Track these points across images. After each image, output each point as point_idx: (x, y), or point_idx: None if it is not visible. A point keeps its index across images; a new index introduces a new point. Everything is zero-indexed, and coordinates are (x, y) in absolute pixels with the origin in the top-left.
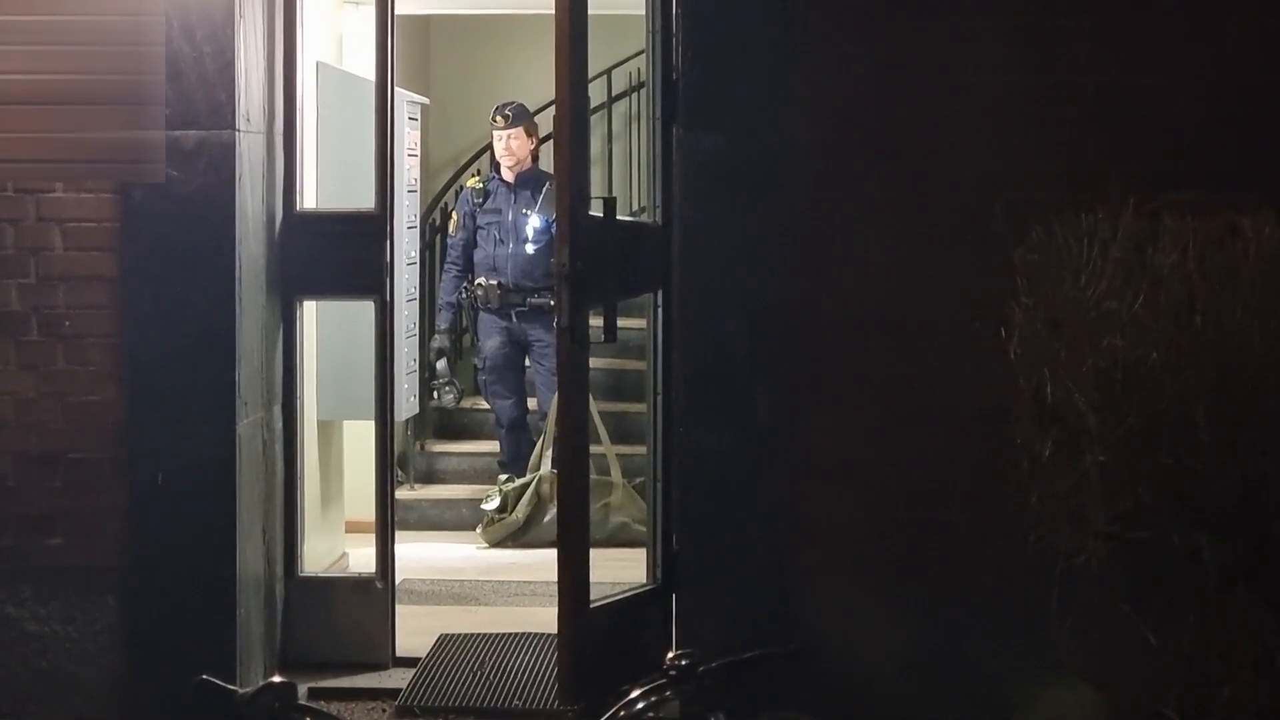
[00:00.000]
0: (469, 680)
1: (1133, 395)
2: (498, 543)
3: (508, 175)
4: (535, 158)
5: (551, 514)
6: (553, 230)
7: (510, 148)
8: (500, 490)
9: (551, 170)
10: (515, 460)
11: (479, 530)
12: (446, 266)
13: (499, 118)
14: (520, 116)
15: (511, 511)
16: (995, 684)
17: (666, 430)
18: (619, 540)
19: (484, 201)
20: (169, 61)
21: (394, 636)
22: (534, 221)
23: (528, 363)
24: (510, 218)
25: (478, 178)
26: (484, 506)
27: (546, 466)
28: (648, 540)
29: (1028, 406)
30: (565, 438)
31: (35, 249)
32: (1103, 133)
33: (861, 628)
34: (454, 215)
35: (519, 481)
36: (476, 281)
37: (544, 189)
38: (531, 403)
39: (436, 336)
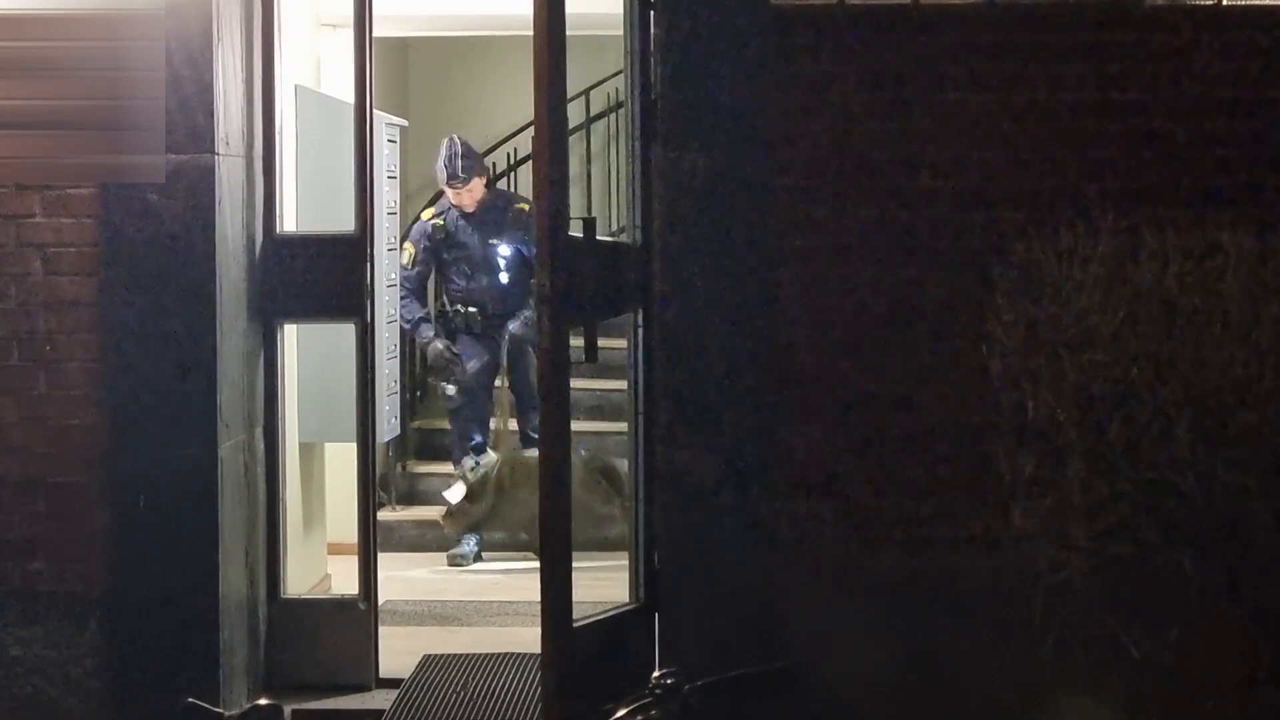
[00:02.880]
0: (452, 701)
1: (1114, 411)
2: (463, 532)
3: (468, 208)
4: (488, 184)
5: (516, 499)
6: (525, 255)
7: (466, 200)
8: (465, 477)
9: (504, 188)
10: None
11: (441, 518)
12: (402, 297)
13: (455, 181)
14: (472, 168)
15: (476, 502)
16: (978, 700)
17: (648, 449)
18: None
19: (445, 238)
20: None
21: (377, 658)
22: (503, 250)
23: (499, 382)
24: (481, 251)
25: (432, 210)
26: (446, 495)
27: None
28: (630, 559)
29: (1009, 423)
30: (546, 459)
31: (15, 274)
32: (1083, 149)
33: (844, 645)
34: (408, 246)
35: (481, 468)
36: (454, 308)
37: (506, 212)
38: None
39: (435, 344)
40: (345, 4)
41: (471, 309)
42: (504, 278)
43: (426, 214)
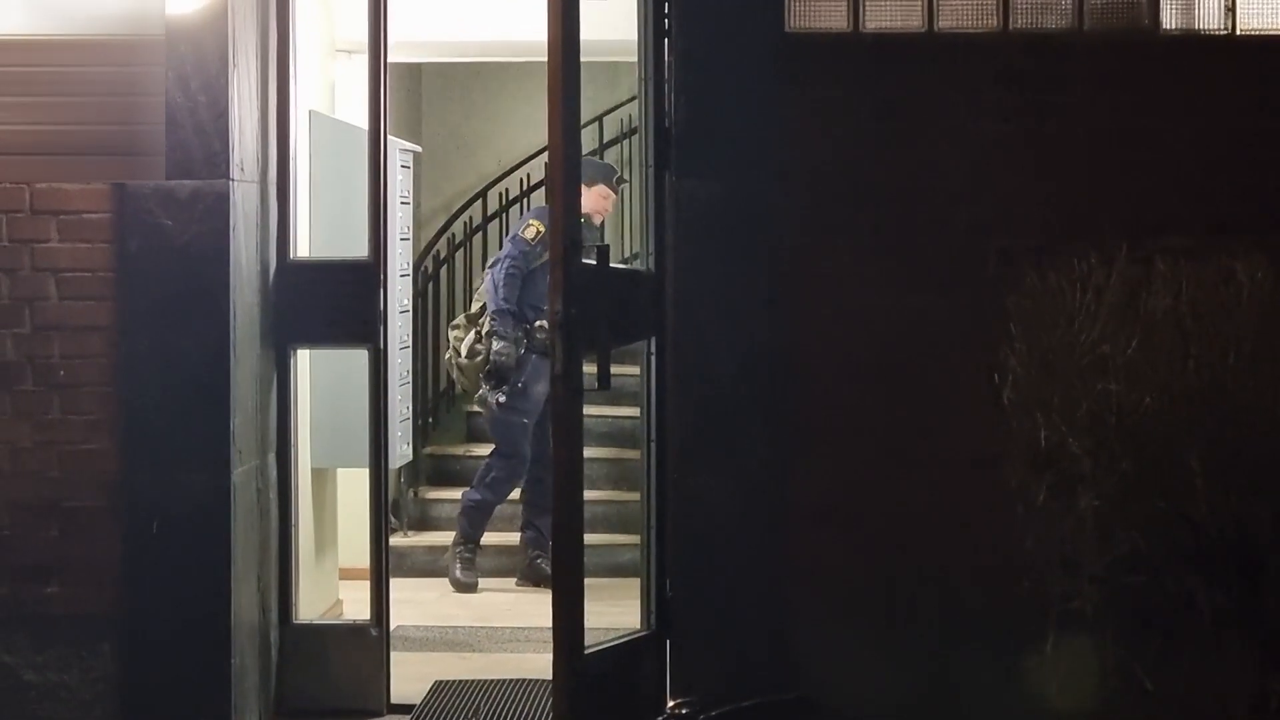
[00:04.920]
0: None
1: (1126, 440)
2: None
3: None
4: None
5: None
6: None
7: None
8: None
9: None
10: (497, 498)
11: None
12: (512, 272)
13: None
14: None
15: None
16: None
17: (661, 476)
18: None
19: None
20: (164, 111)
21: (389, 684)
22: None
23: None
24: None
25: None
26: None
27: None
28: (642, 586)
29: (1021, 451)
30: (560, 486)
31: (30, 298)
32: (1096, 178)
33: (857, 673)
34: (535, 223)
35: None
36: (540, 323)
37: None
38: None
39: (500, 344)
40: (360, 30)
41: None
42: None
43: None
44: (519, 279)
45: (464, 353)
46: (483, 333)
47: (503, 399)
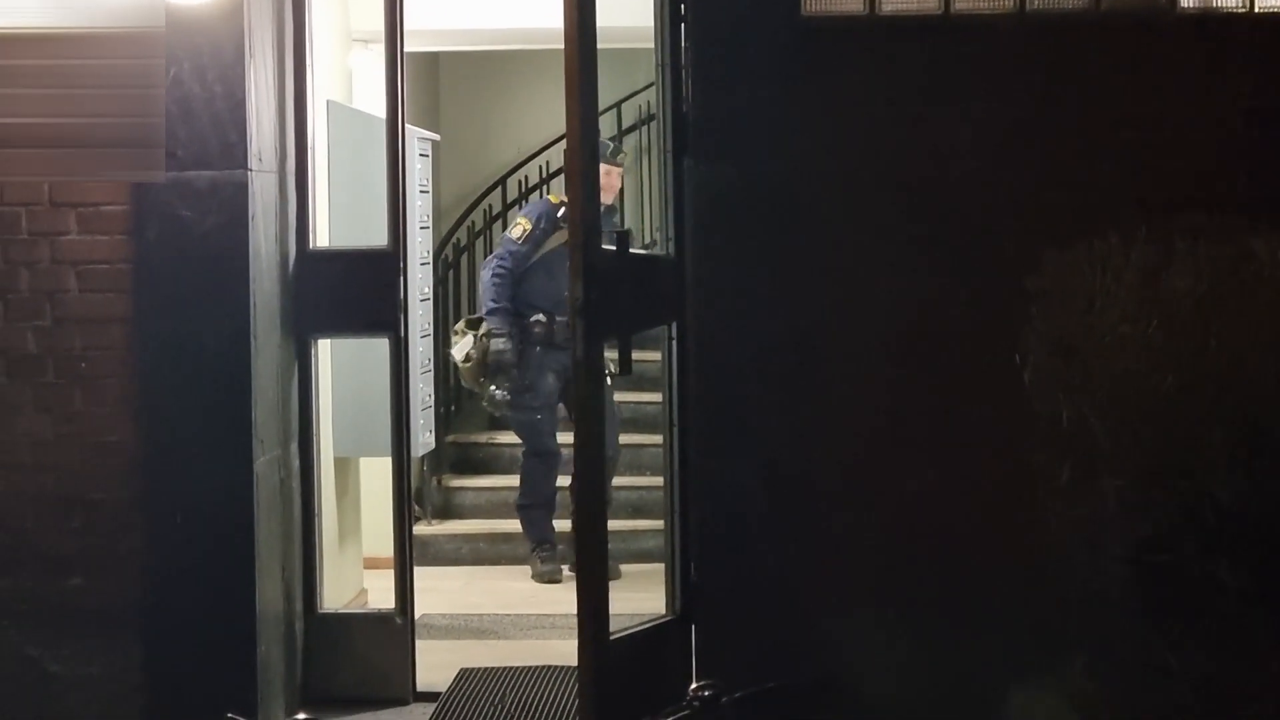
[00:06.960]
0: (490, 714)
1: (1148, 420)
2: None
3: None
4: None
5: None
6: None
7: (613, 184)
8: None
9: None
10: (542, 496)
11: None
12: (499, 272)
13: (617, 159)
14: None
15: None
16: (1015, 712)
17: (683, 462)
18: None
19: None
20: (180, 103)
21: (414, 672)
22: None
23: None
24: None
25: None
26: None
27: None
28: (666, 571)
29: (1043, 433)
30: (582, 470)
31: (50, 291)
32: (1115, 159)
33: (879, 656)
34: (523, 221)
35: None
36: (535, 318)
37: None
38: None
39: (497, 340)
40: (376, 20)
41: (561, 319)
42: None
43: (556, 199)
44: (509, 279)
45: (459, 357)
46: (480, 335)
47: (505, 395)
